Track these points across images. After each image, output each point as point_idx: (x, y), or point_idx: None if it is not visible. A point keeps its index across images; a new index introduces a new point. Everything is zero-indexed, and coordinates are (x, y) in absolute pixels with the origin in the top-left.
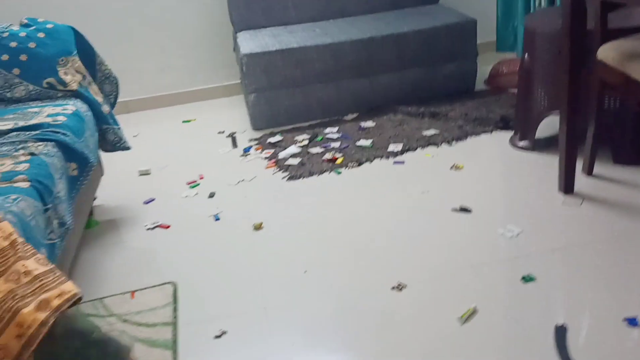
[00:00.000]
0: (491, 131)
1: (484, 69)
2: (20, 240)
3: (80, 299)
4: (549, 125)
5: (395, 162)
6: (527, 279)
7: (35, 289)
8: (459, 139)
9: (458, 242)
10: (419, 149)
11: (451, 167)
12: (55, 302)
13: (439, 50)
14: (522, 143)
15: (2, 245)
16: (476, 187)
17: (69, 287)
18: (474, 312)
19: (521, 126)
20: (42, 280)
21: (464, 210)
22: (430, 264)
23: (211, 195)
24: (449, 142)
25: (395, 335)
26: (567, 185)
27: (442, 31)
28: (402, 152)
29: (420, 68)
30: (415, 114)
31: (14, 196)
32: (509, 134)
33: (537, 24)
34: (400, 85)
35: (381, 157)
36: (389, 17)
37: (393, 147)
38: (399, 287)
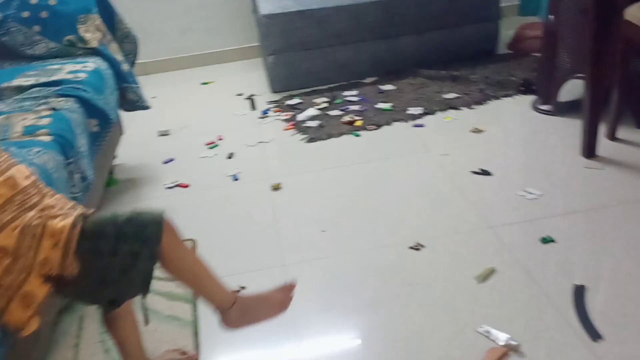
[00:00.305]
0: (513, 95)
1: (507, 33)
2: (40, 181)
3: None
4: (572, 88)
5: (415, 125)
6: (546, 240)
7: (59, 213)
8: (480, 102)
9: (477, 204)
10: (439, 112)
11: (472, 131)
12: (79, 210)
13: (461, 12)
14: (544, 107)
15: (24, 184)
16: (497, 150)
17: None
18: (492, 272)
19: (544, 90)
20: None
21: (484, 172)
22: (448, 225)
23: (230, 156)
24: (469, 106)
25: (413, 294)
26: (589, 149)
27: None
28: (422, 115)
29: (442, 30)
30: (435, 77)
31: (36, 149)
32: (531, 98)
33: None
34: (421, 47)
35: (401, 120)
36: None
37: (413, 110)
38: (417, 247)
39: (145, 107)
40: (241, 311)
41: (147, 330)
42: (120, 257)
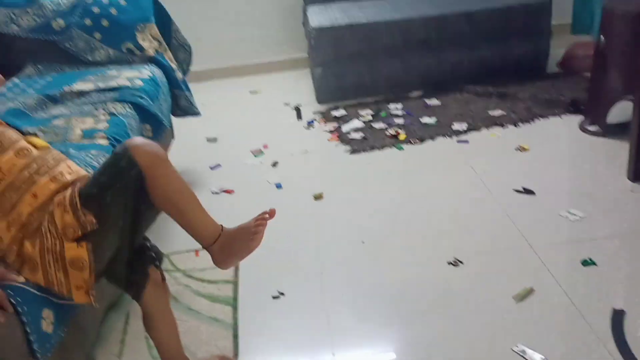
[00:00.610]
0: (561, 114)
1: (557, 51)
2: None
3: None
4: (622, 110)
5: (459, 141)
6: (587, 262)
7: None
8: (526, 120)
9: (519, 223)
10: (484, 129)
11: (516, 149)
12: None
13: (511, 29)
14: (592, 127)
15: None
16: (541, 169)
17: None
18: (530, 292)
19: (592, 110)
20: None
21: (527, 191)
22: (488, 242)
23: (274, 164)
24: (515, 123)
25: (450, 309)
26: (636, 172)
27: (516, 10)
28: (466, 131)
29: (491, 47)
30: (482, 94)
31: (94, 152)
32: (579, 118)
33: (616, 4)
34: (469, 63)
35: (445, 135)
36: None
37: (457, 126)
38: (455, 263)
39: (196, 114)
40: (222, 245)
41: (189, 330)
42: (113, 191)
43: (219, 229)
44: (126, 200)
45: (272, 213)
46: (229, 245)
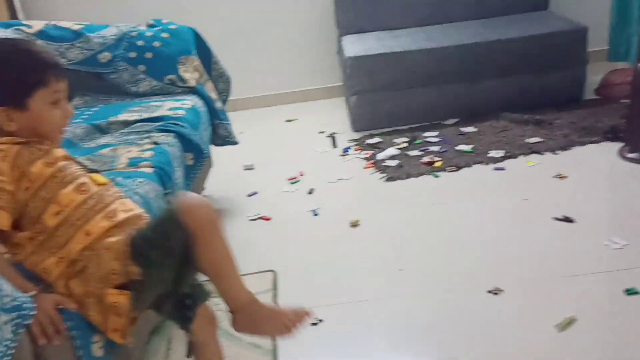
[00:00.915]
0: (599, 141)
1: (594, 78)
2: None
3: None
4: None
5: (495, 169)
6: (630, 291)
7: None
8: (564, 148)
9: (559, 251)
10: (521, 157)
11: (555, 176)
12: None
13: (547, 57)
14: (632, 155)
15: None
16: (581, 197)
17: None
18: (572, 321)
19: (632, 137)
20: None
21: (567, 219)
22: (528, 271)
23: (310, 192)
24: (553, 151)
25: (491, 338)
26: None
27: (551, 38)
28: (503, 158)
29: (527, 75)
30: (518, 121)
31: (139, 180)
32: (618, 145)
33: None
34: (505, 91)
35: (481, 162)
36: (496, 23)
37: (494, 153)
38: (495, 291)
39: (235, 143)
40: (250, 317)
41: (229, 356)
42: (160, 250)
43: (250, 299)
44: (172, 259)
45: (307, 313)
46: (256, 321)
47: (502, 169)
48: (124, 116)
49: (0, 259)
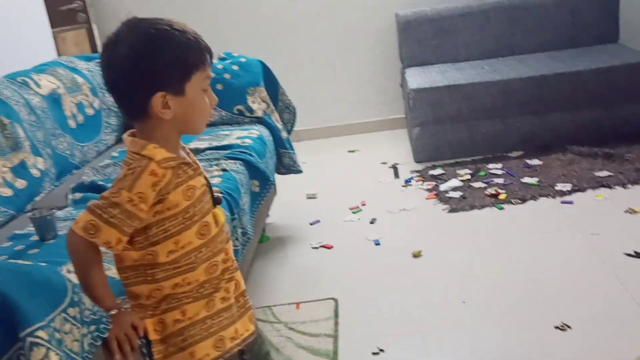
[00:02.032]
0: None
1: None
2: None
3: (252, 334)
4: None
5: (563, 202)
6: None
7: (222, 320)
8: (635, 182)
9: (631, 287)
10: (589, 190)
11: (626, 211)
12: (228, 345)
13: (616, 90)
14: None
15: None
16: None
17: (245, 326)
18: None
19: None
20: (227, 311)
21: (639, 255)
22: (598, 307)
23: (372, 221)
24: (624, 185)
25: None
26: None
27: (621, 70)
28: (571, 192)
29: (596, 108)
30: (587, 154)
31: None
32: None
33: None
34: (573, 124)
35: (548, 195)
36: (563, 55)
37: (561, 187)
38: (563, 327)
39: (299, 171)
40: None
41: None
42: None
43: None
44: None
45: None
46: None
47: (570, 202)
48: (194, 144)
49: (100, 270)
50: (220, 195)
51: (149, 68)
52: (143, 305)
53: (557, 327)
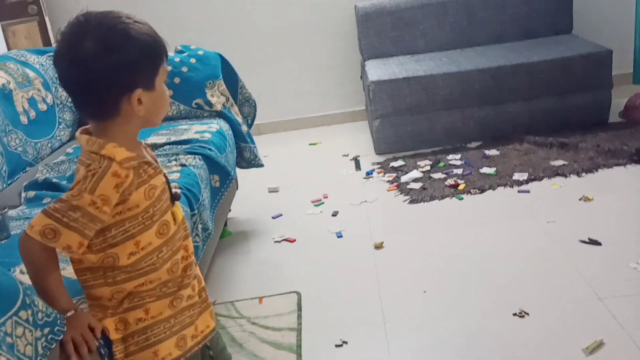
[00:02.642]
0: (625, 164)
1: (619, 101)
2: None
3: (212, 330)
4: None
5: (519, 191)
6: None
7: (185, 318)
8: (589, 170)
9: (585, 274)
10: (545, 179)
11: (580, 199)
12: (189, 343)
13: (571, 80)
14: None
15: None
16: (607, 219)
17: (206, 322)
18: (600, 345)
19: None
20: (191, 309)
21: (594, 242)
22: (554, 294)
23: (334, 214)
24: (578, 174)
25: None
26: None
27: (575, 61)
28: (527, 181)
29: (551, 98)
30: (543, 144)
31: None
32: None
33: None
34: (529, 114)
35: (505, 185)
36: (519, 47)
37: (518, 176)
38: (521, 314)
39: (260, 165)
40: None
41: None
42: None
43: None
44: None
45: None
46: None
47: (527, 191)
48: (152, 139)
49: (57, 274)
50: (178, 191)
51: (125, 64)
52: (104, 305)
53: (515, 314)
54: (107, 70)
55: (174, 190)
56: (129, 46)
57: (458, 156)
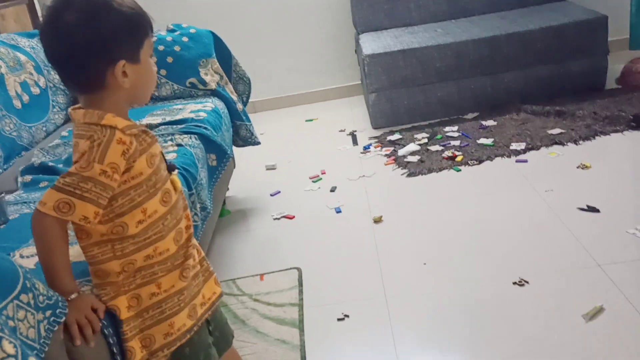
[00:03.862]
0: (622, 130)
1: (615, 67)
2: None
3: (220, 296)
4: None
5: (517, 161)
6: None
7: (193, 288)
8: (586, 138)
9: (584, 241)
10: (543, 148)
11: (578, 167)
12: (199, 311)
13: (567, 47)
14: None
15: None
16: (605, 186)
17: (212, 289)
18: (600, 310)
19: None
20: (196, 278)
21: (592, 209)
22: (554, 262)
23: (332, 190)
24: (575, 142)
25: (517, 330)
26: None
27: (571, 28)
28: (525, 150)
29: (547, 66)
30: (539, 113)
31: None
32: None
33: None
34: (525, 83)
35: (503, 155)
36: (513, 15)
37: (516, 146)
38: (521, 283)
39: (257, 143)
40: None
41: (257, 352)
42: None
43: None
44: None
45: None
46: None
47: (525, 161)
48: (147, 120)
49: (66, 252)
50: (172, 162)
51: (107, 35)
52: (112, 282)
53: (515, 283)
54: (88, 41)
55: (168, 161)
56: (109, 17)
57: (455, 128)
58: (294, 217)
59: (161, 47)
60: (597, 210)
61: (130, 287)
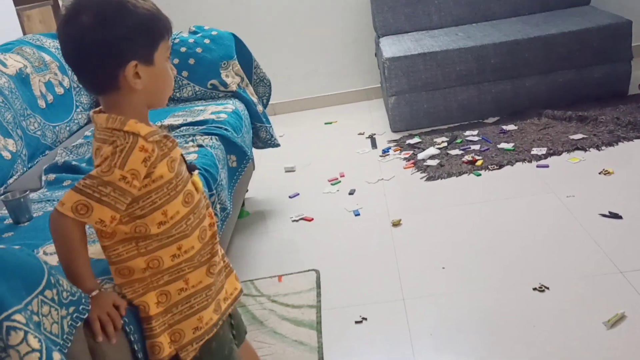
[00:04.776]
0: None
1: (638, 73)
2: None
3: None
4: None
5: (538, 166)
6: None
7: (217, 283)
8: (609, 144)
9: (606, 248)
10: (564, 153)
11: (600, 172)
12: (223, 306)
13: (589, 52)
14: None
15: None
16: (628, 193)
17: (233, 285)
18: (622, 318)
19: None
20: (220, 274)
21: (614, 215)
22: (575, 268)
23: (351, 192)
24: (598, 147)
25: (537, 336)
26: None
27: (594, 33)
28: (546, 155)
29: (569, 71)
30: (561, 118)
31: None
32: None
33: None
34: (547, 88)
35: (523, 160)
36: (536, 19)
37: (537, 151)
38: (541, 289)
39: (276, 145)
40: None
41: (275, 353)
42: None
43: None
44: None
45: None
46: None
47: (546, 166)
48: (169, 121)
49: (85, 251)
50: (193, 163)
51: (119, 36)
52: (140, 279)
53: (535, 289)
54: (99, 42)
55: (189, 162)
56: (123, 19)
57: (475, 132)
58: (312, 219)
59: (183, 49)
60: (620, 217)
61: (159, 283)
